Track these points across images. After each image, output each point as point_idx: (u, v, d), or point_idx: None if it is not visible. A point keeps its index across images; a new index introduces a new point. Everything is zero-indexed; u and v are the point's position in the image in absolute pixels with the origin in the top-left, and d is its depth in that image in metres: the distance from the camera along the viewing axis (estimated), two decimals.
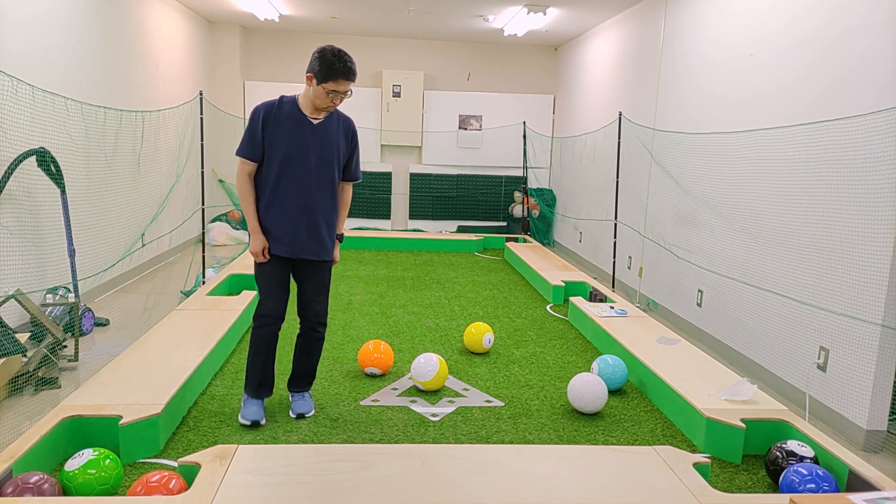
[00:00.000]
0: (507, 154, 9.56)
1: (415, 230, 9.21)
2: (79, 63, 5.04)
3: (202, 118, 5.76)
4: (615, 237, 6.34)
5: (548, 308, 5.48)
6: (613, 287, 6.34)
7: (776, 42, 4.10)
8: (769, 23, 4.19)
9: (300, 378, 3.24)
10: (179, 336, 3.75)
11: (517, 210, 9.43)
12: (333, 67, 2.77)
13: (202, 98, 5.77)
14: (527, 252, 7.23)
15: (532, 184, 9.52)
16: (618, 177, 6.23)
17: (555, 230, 9.22)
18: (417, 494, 2.26)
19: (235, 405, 3.28)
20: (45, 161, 3.96)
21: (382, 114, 9.25)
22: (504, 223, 9.65)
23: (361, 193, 9.37)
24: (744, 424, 2.89)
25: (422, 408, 3.34)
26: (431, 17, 7.68)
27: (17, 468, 2.31)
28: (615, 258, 6.32)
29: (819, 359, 3.60)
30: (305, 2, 7.18)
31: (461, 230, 9.50)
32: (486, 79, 9.51)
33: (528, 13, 6.88)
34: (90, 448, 2.43)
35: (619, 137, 6.20)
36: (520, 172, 9.54)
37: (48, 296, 4.32)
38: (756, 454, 2.96)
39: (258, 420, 3.03)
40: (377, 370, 3.72)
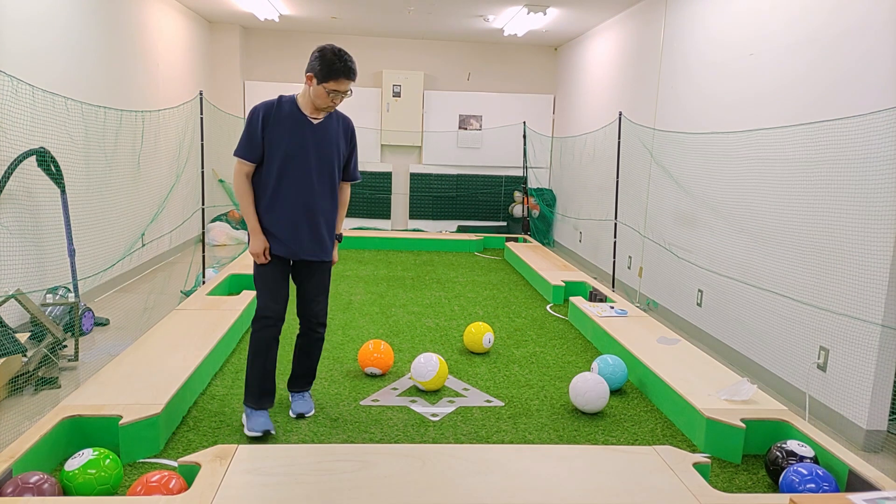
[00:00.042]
0: (507, 154, 9.56)
1: (415, 230, 9.21)
2: (79, 63, 5.04)
3: (202, 118, 5.76)
4: (615, 237, 6.34)
5: (548, 308, 5.48)
6: (613, 287, 6.34)
7: (776, 42, 4.10)
8: (769, 23, 4.19)
9: (300, 378, 3.24)
10: (179, 336, 3.75)
11: (517, 210, 9.43)
12: (334, 67, 2.74)
13: (202, 98, 5.77)
14: (527, 252, 7.23)
15: (532, 184, 9.52)
16: (618, 177, 6.23)
17: (555, 230, 9.22)
18: (417, 494, 2.26)
19: (235, 405, 3.28)
20: (45, 161, 3.96)
21: (382, 114, 9.25)
22: (504, 223, 9.65)
23: (361, 193, 9.37)
24: (744, 424, 2.89)
25: (422, 408, 3.34)
26: (431, 17, 7.68)
27: (17, 468, 2.31)
28: (615, 258, 6.32)
29: (819, 359, 3.60)
30: (305, 2, 7.18)
31: (461, 230, 9.50)
32: (486, 79, 9.51)
33: (528, 13, 6.88)
34: (90, 448, 2.43)
35: (619, 137, 6.20)
36: (520, 172, 9.54)
37: (48, 296, 4.32)
38: (756, 454, 2.96)
39: (269, 430, 2.90)
40: (377, 370, 3.72)
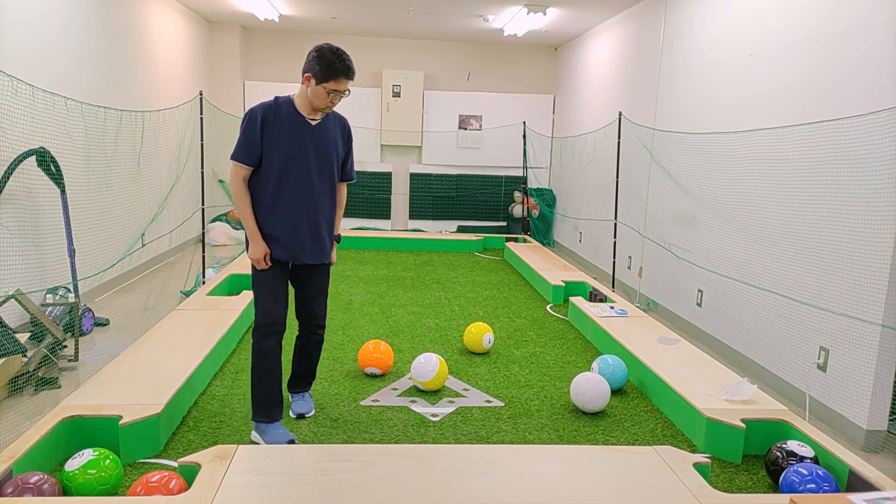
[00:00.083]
0: (507, 154, 9.56)
1: (415, 230, 9.21)
2: (79, 63, 5.04)
3: (202, 118, 5.76)
4: (615, 237, 6.34)
5: (548, 308, 5.48)
6: (613, 287, 6.34)
7: (776, 42, 4.10)
8: (769, 23, 4.19)
9: (300, 379, 3.24)
10: (179, 336, 3.75)
11: (517, 210, 9.43)
12: (334, 66, 2.72)
13: (202, 98, 5.77)
14: (527, 252, 7.23)
15: (532, 184, 9.52)
16: (618, 177, 6.23)
17: (555, 230, 9.22)
18: (417, 494, 2.26)
19: (235, 405, 3.28)
20: (45, 161, 3.96)
21: (382, 114, 9.25)
22: (504, 223, 9.65)
23: (361, 193, 9.37)
24: (744, 424, 2.89)
25: (422, 408, 3.34)
26: (431, 17, 7.68)
27: (17, 468, 2.31)
28: (615, 258, 6.32)
29: (819, 359, 3.60)
30: (305, 2, 7.18)
31: (461, 230, 9.50)
32: (486, 79, 9.51)
33: (528, 13, 6.88)
34: (90, 448, 2.43)
35: (619, 137, 6.20)
36: (520, 172, 9.54)
37: (48, 296, 4.32)
38: (756, 454, 2.96)
39: (292, 440, 2.84)
40: (377, 370, 3.72)
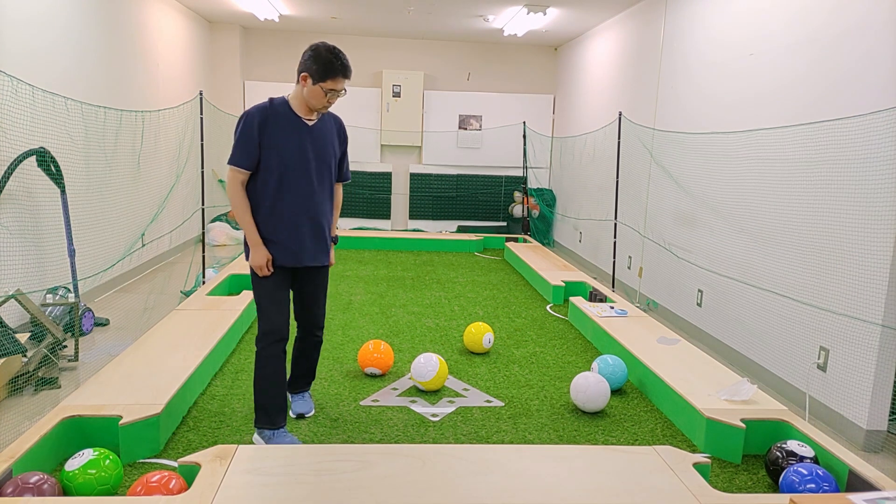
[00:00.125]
0: (507, 154, 9.56)
1: (415, 230, 9.21)
2: (79, 63, 5.04)
3: (202, 118, 5.76)
4: (615, 237, 6.34)
5: (548, 308, 5.48)
6: (613, 287, 6.34)
7: (776, 42, 4.10)
8: (769, 23, 4.19)
9: (300, 379, 3.23)
10: (179, 336, 3.75)
11: (517, 210, 9.43)
12: (331, 65, 2.68)
13: (202, 98, 5.77)
14: (527, 252, 7.23)
15: (532, 184, 9.52)
16: (618, 177, 6.22)
17: (555, 230, 9.22)
18: (417, 494, 2.26)
19: (235, 405, 3.28)
20: (45, 161, 3.96)
21: (382, 114, 9.25)
22: (504, 223, 9.65)
23: (361, 193, 9.37)
24: (744, 424, 2.89)
25: (422, 408, 3.34)
26: (431, 17, 7.68)
27: (17, 468, 2.31)
28: (615, 258, 6.32)
29: (819, 359, 3.60)
30: (305, 2, 7.18)
31: (461, 230, 9.50)
32: (486, 79, 9.51)
33: (528, 13, 6.88)
34: (90, 448, 2.43)
35: (619, 137, 6.20)
36: (520, 172, 9.54)
37: (48, 296, 4.32)
38: (756, 454, 2.96)
39: (297, 443, 2.86)
40: (377, 370, 3.72)
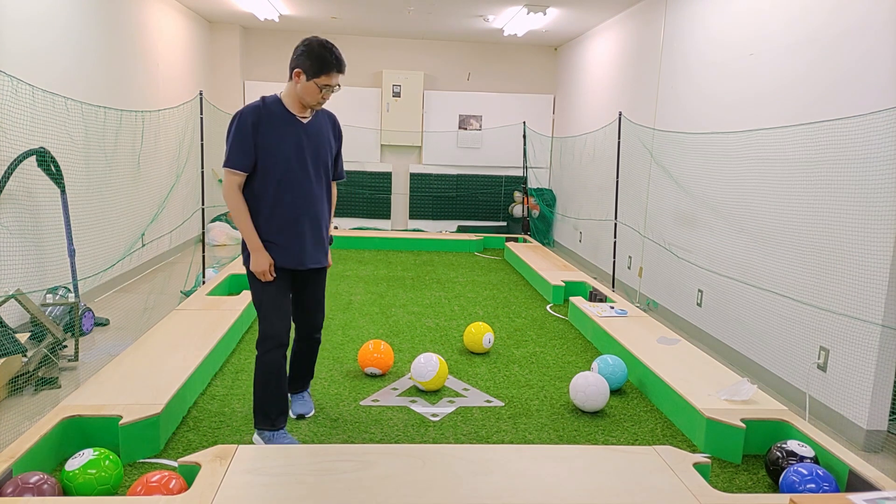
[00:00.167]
0: (507, 154, 9.56)
1: (415, 230, 9.21)
2: (79, 63, 5.04)
3: (202, 118, 5.76)
4: (615, 237, 6.34)
5: (548, 308, 5.48)
6: (613, 287, 6.34)
7: (776, 42, 4.10)
8: (769, 23, 4.19)
9: (300, 378, 3.23)
10: (179, 336, 3.75)
11: (517, 210, 9.43)
12: (326, 60, 2.64)
13: (202, 98, 5.77)
14: (527, 252, 7.23)
15: (532, 184, 9.52)
16: (618, 177, 6.22)
17: (555, 230, 9.22)
18: (417, 494, 2.26)
19: (235, 405, 3.28)
20: (45, 161, 3.96)
21: (382, 114, 9.25)
22: (504, 223, 9.65)
23: (361, 193, 9.37)
24: (744, 424, 2.89)
25: (422, 408, 3.34)
26: (431, 17, 7.68)
27: (17, 468, 2.31)
28: (615, 258, 6.32)
29: (819, 359, 3.60)
30: (305, 2, 7.18)
31: (461, 230, 9.50)
32: (486, 79, 9.51)
33: (528, 13, 6.88)
34: (90, 448, 2.43)
35: (619, 137, 6.20)
36: (520, 172, 9.54)
37: (48, 296, 4.32)
38: (756, 454, 2.96)
39: (296, 443, 2.84)
40: (377, 370, 3.72)
